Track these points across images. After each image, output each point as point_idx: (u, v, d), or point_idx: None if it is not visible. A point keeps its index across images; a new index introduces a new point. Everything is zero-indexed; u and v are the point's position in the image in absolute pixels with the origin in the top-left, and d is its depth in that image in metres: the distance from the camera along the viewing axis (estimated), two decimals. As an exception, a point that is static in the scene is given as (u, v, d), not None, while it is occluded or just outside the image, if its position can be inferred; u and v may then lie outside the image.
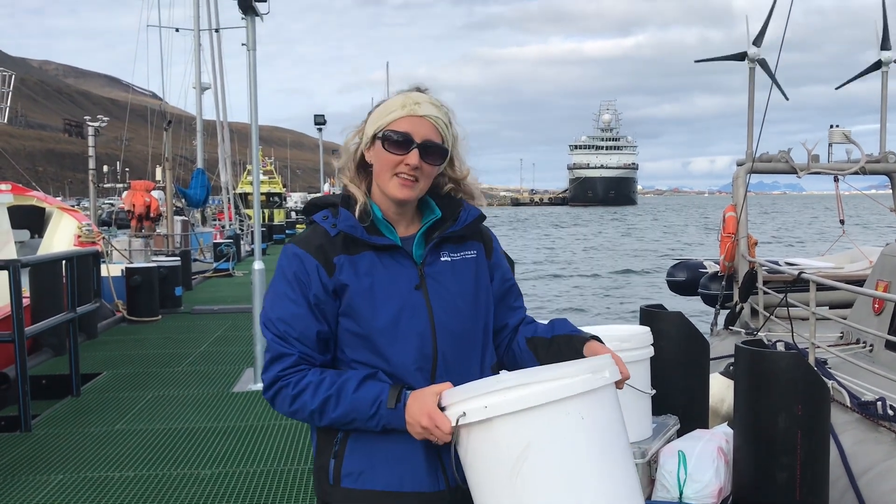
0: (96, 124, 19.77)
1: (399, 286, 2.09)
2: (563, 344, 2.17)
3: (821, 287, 7.52)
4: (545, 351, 2.21)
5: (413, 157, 2.07)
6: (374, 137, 2.13)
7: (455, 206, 2.22)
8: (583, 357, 2.06)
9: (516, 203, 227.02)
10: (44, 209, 14.19)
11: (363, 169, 2.19)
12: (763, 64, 10.22)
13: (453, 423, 1.84)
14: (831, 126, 10.22)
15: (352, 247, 2.09)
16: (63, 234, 13.39)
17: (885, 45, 10.56)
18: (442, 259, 2.17)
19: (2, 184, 12.87)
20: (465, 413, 1.81)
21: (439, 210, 2.21)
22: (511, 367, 2.28)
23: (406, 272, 2.11)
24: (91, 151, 19.60)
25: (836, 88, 12.21)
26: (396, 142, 2.08)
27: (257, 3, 7.99)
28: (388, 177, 2.09)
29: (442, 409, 1.88)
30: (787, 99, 10.63)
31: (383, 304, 2.06)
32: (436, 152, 2.12)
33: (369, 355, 2.08)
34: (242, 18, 8.12)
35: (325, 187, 43.04)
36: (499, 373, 2.24)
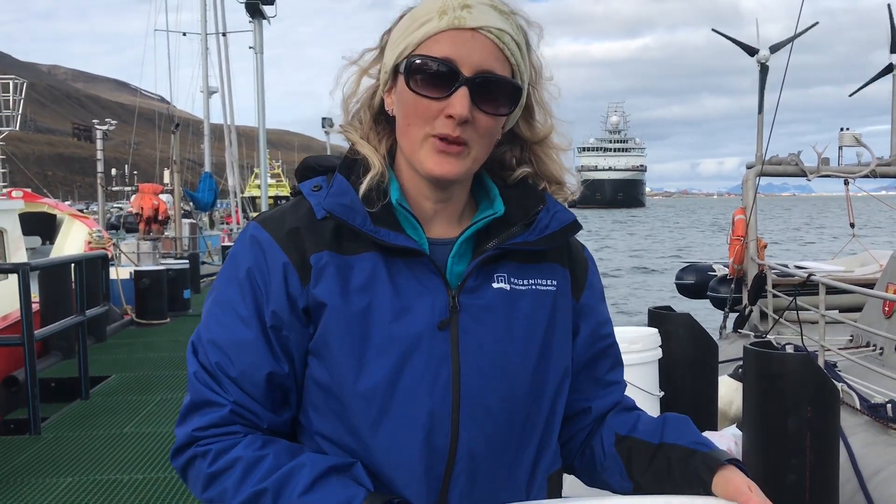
0: (105, 128, 19.90)
1: (413, 319, 1.26)
2: (678, 462, 1.30)
3: (831, 290, 7.50)
4: (645, 465, 1.35)
5: (459, 101, 1.23)
6: (396, 70, 1.30)
7: (531, 200, 1.37)
8: (710, 494, 1.24)
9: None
10: (55, 216, 14.29)
11: (385, 123, 1.37)
12: (763, 70, 10.20)
13: None
14: (841, 129, 10.21)
15: (346, 241, 1.28)
16: (74, 241, 13.48)
17: (895, 48, 10.53)
18: (495, 286, 1.32)
19: (15, 191, 12.97)
20: None
21: (502, 203, 1.36)
22: (586, 478, 1.47)
23: (429, 297, 1.28)
24: (100, 155, 19.72)
25: (850, 95, 12.20)
26: (430, 75, 1.24)
27: (264, 7, 8.03)
28: (419, 138, 1.27)
29: None
30: (760, 114, 10.07)
31: (379, 347, 1.24)
32: (500, 92, 1.27)
33: (342, 431, 1.27)
34: (250, 22, 8.17)
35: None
36: (559, 488, 1.42)
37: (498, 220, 1.33)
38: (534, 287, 1.35)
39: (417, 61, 1.25)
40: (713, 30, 11.59)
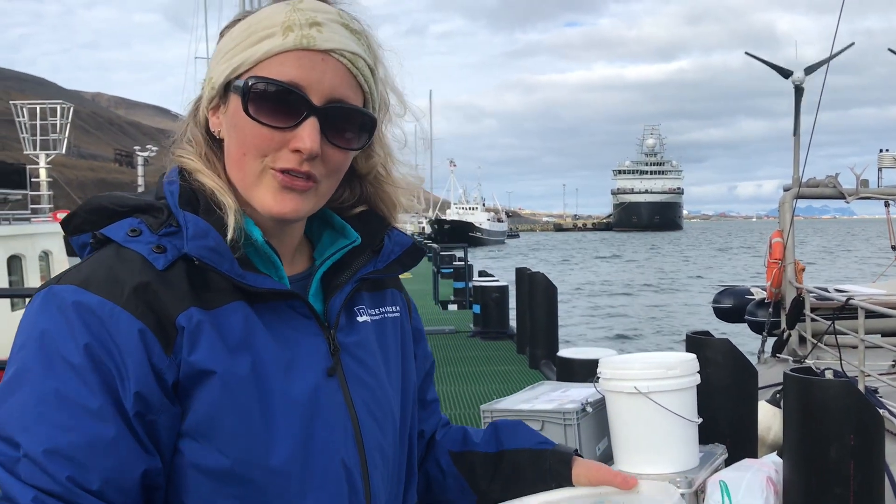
0: (145, 154, 20.32)
1: (303, 370, 1.11)
2: (529, 464, 1.31)
3: (871, 314, 7.38)
4: (490, 474, 1.34)
5: (308, 134, 1.07)
6: (227, 88, 1.12)
7: (376, 226, 1.26)
8: (570, 485, 1.27)
9: (559, 229, 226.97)
10: (97, 238, 14.57)
11: (214, 143, 1.17)
12: (798, 92, 10.11)
13: None
14: (881, 150, 10.08)
15: (205, 292, 1.06)
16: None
17: None
18: (360, 320, 1.23)
19: (59, 212, 13.27)
20: None
21: (354, 231, 1.25)
22: None
23: (309, 343, 1.13)
24: (140, 180, 20.11)
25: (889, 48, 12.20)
26: (274, 101, 1.07)
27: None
28: (255, 171, 1.10)
29: None
30: (795, 135, 10.16)
31: (281, 410, 1.07)
32: (353, 125, 1.13)
33: None
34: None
35: None
36: None
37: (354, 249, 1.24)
38: (385, 316, 1.28)
39: (258, 84, 1.07)
40: (746, 52, 11.55)
